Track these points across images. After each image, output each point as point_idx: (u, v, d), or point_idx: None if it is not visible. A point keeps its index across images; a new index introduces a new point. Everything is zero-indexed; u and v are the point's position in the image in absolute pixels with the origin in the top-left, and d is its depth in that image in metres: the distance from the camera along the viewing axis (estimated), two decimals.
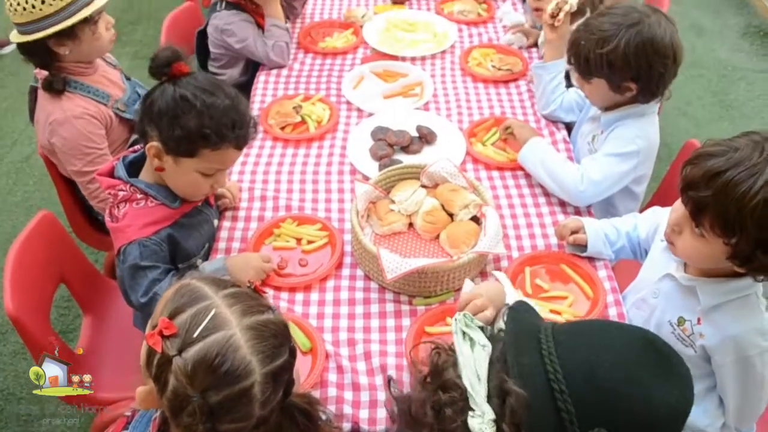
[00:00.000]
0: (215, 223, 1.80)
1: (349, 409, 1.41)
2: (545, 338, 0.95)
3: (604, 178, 1.82)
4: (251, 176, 1.99)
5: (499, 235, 1.66)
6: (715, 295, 1.39)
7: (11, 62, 3.99)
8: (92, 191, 2.04)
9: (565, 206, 1.88)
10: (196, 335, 0.96)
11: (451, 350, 1.03)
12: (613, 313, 1.59)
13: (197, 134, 1.46)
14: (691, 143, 1.98)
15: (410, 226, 1.81)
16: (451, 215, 1.78)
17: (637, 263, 1.72)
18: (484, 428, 0.91)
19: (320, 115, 2.21)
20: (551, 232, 1.79)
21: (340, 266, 1.72)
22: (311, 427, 1.10)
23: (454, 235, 1.72)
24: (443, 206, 1.79)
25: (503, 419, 0.91)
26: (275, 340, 1.01)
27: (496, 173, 2.00)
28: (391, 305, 1.63)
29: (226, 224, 1.83)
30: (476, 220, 1.77)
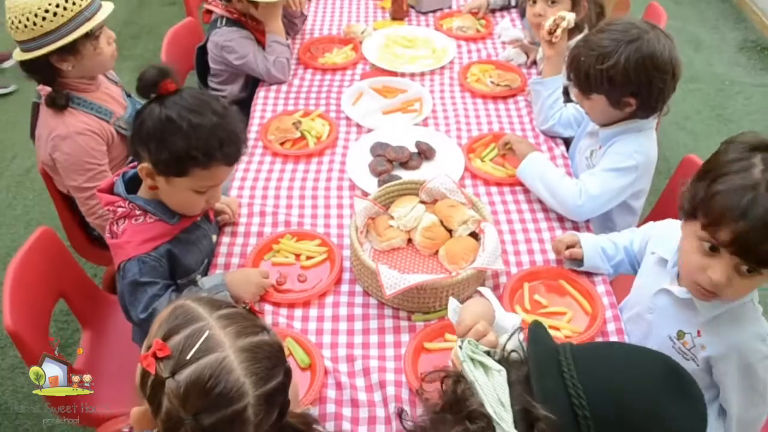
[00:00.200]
0: (214, 238, 1.80)
1: (347, 425, 1.40)
2: (565, 361, 0.96)
3: (602, 192, 1.83)
4: (251, 192, 2.00)
5: (497, 250, 1.66)
6: (713, 305, 1.39)
7: (11, 76, 4.01)
8: (90, 207, 2.04)
9: (563, 221, 1.89)
10: (189, 357, 0.95)
11: (461, 377, 1.02)
12: (611, 328, 1.59)
13: (185, 155, 1.45)
14: (689, 158, 1.99)
15: (409, 242, 1.82)
16: (450, 231, 1.78)
17: (632, 277, 1.72)
18: None
19: (320, 130, 2.21)
20: (550, 247, 1.79)
21: (339, 282, 1.72)
22: None
23: (452, 251, 1.72)
24: (442, 222, 1.79)
25: None
26: (269, 361, 1.00)
27: (494, 189, 2.01)
28: (390, 321, 1.62)
29: (225, 239, 1.84)
30: (475, 236, 1.77)
